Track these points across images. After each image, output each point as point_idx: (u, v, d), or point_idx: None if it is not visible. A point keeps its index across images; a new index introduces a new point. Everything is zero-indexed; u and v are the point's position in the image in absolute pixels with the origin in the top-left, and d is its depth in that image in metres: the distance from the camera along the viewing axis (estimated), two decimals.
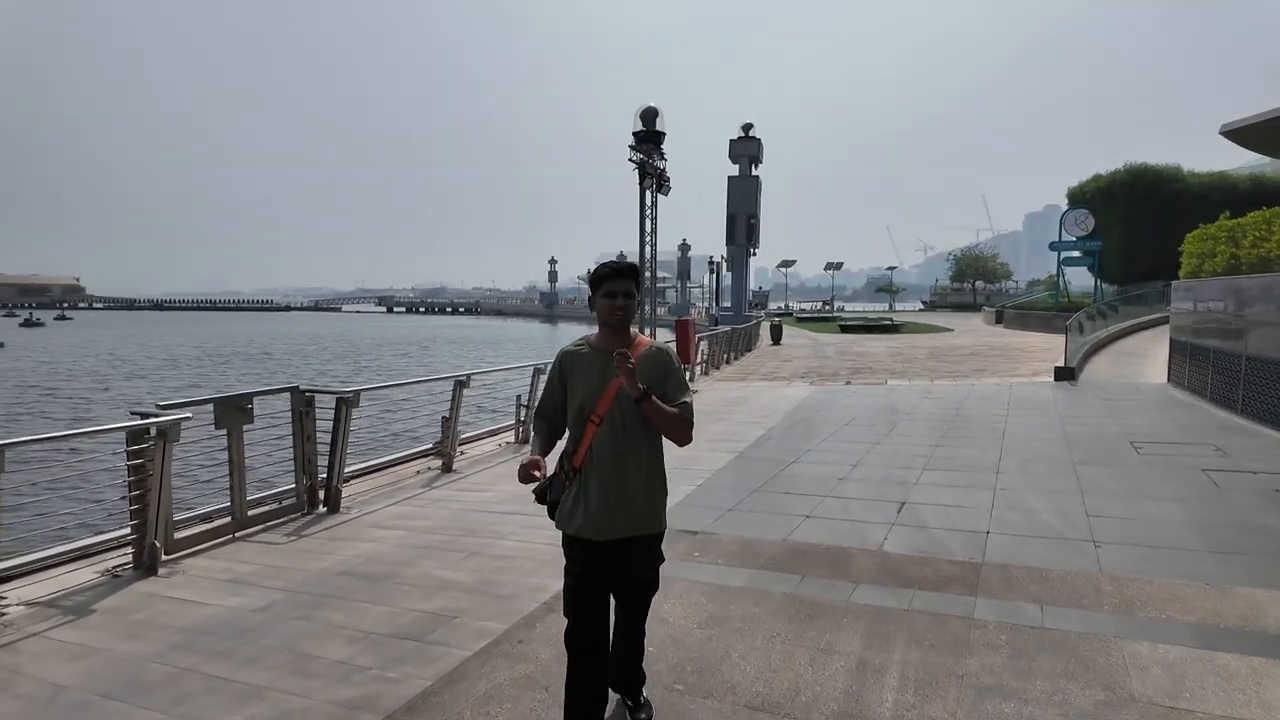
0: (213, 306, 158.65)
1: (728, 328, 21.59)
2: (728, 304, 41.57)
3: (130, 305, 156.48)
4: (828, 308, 74.45)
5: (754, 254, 34.48)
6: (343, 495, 6.52)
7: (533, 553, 5.05)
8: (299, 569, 4.92)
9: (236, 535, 5.63)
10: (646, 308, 16.73)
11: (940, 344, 25.48)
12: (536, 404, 2.92)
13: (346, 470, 7.47)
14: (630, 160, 14.20)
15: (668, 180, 15.37)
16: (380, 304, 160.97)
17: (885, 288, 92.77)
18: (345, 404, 6.37)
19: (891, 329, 35.01)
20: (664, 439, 2.68)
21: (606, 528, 2.58)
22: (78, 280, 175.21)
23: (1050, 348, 21.65)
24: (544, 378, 3.50)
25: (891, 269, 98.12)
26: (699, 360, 18.12)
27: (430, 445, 8.45)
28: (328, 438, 6.46)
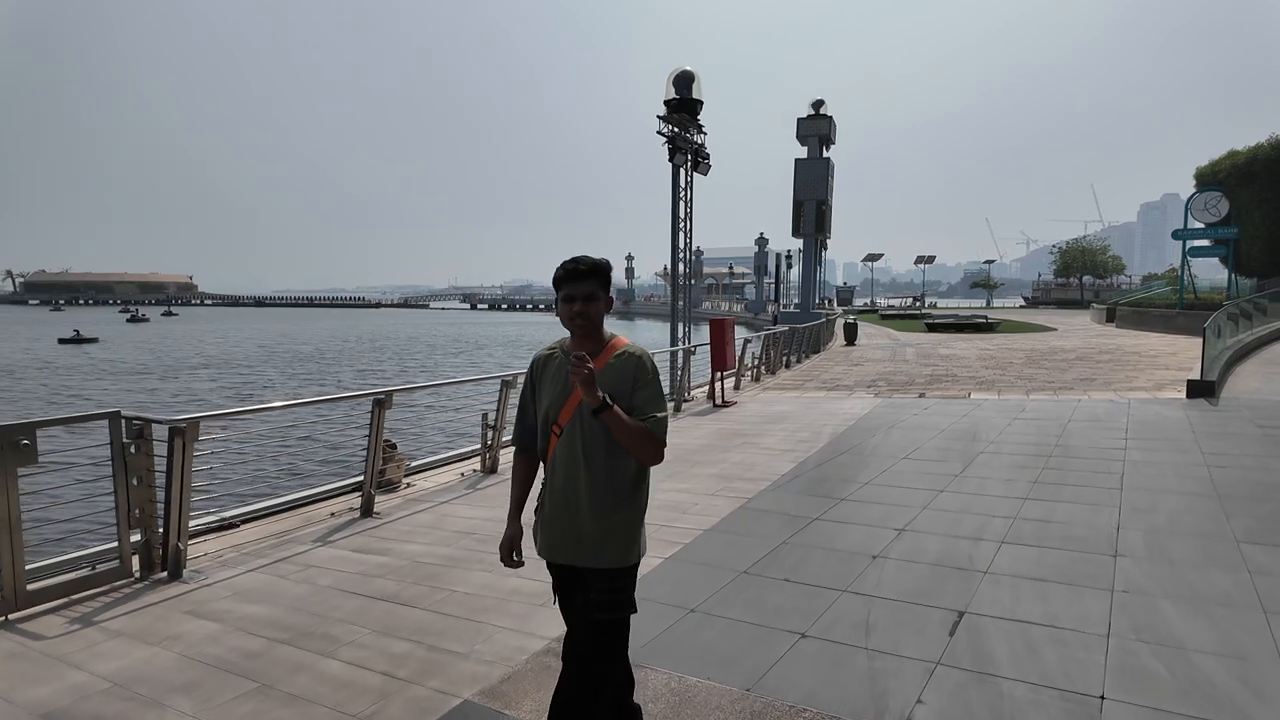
0: (309, 303, 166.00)
1: (785, 327, 19.28)
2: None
3: (235, 302, 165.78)
4: (917, 304, 70.07)
5: (826, 245, 31.70)
6: (186, 556, 4.90)
7: (436, 667, 3.23)
8: (24, 692, 3.28)
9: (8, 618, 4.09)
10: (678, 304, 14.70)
11: (1040, 346, 22.33)
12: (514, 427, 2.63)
13: (233, 515, 5.92)
14: (660, 133, 12.22)
15: (707, 157, 13.31)
16: (465, 301, 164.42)
17: (982, 283, 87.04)
18: (180, 436, 4.73)
19: (985, 328, 31.66)
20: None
21: (557, 549, 2.41)
22: (190, 279, 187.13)
23: (1174, 352, 18.37)
24: (516, 392, 2.89)
25: (989, 263, 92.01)
26: (750, 365, 16.01)
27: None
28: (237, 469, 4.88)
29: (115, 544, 4.70)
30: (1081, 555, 4.57)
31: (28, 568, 4.46)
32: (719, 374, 12.36)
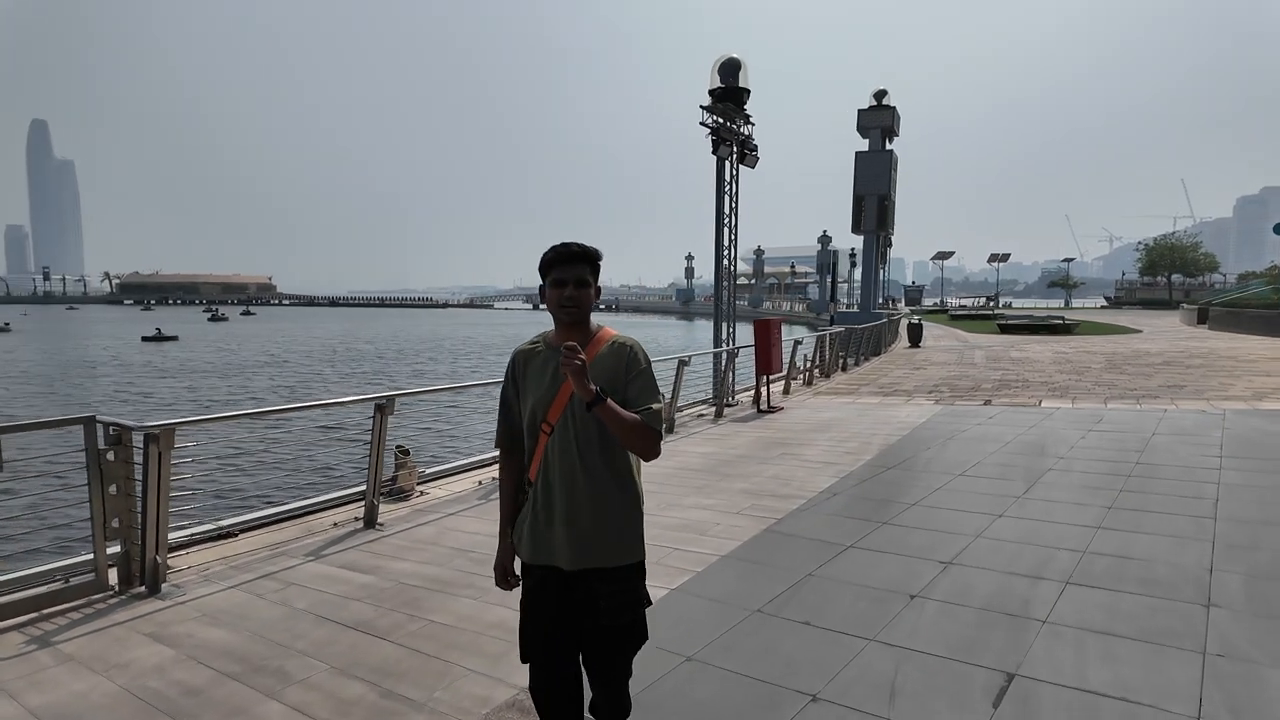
0: (381, 304, 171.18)
1: (841, 328, 18.38)
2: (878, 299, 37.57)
3: (310, 302, 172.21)
4: (990, 304, 67.22)
5: (890, 242, 30.47)
6: (166, 569, 4.63)
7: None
8: None
9: None
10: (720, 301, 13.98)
11: (1122, 349, 20.80)
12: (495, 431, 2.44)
13: (231, 523, 5.67)
14: (703, 124, 11.63)
15: (754, 149, 12.64)
16: (527, 301, 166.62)
17: (1060, 282, 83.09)
18: (154, 443, 4.45)
19: (1062, 329, 29.88)
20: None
21: (558, 554, 2.22)
22: (270, 279, 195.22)
23: (1275, 357, 16.75)
24: None
25: (1068, 261, 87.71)
26: (802, 368, 15.27)
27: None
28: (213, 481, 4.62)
29: (91, 556, 4.47)
30: (1164, 603, 3.83)
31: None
32: (764, 378, 11.71)
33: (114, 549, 4.55)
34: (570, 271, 2.22)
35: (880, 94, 23.85)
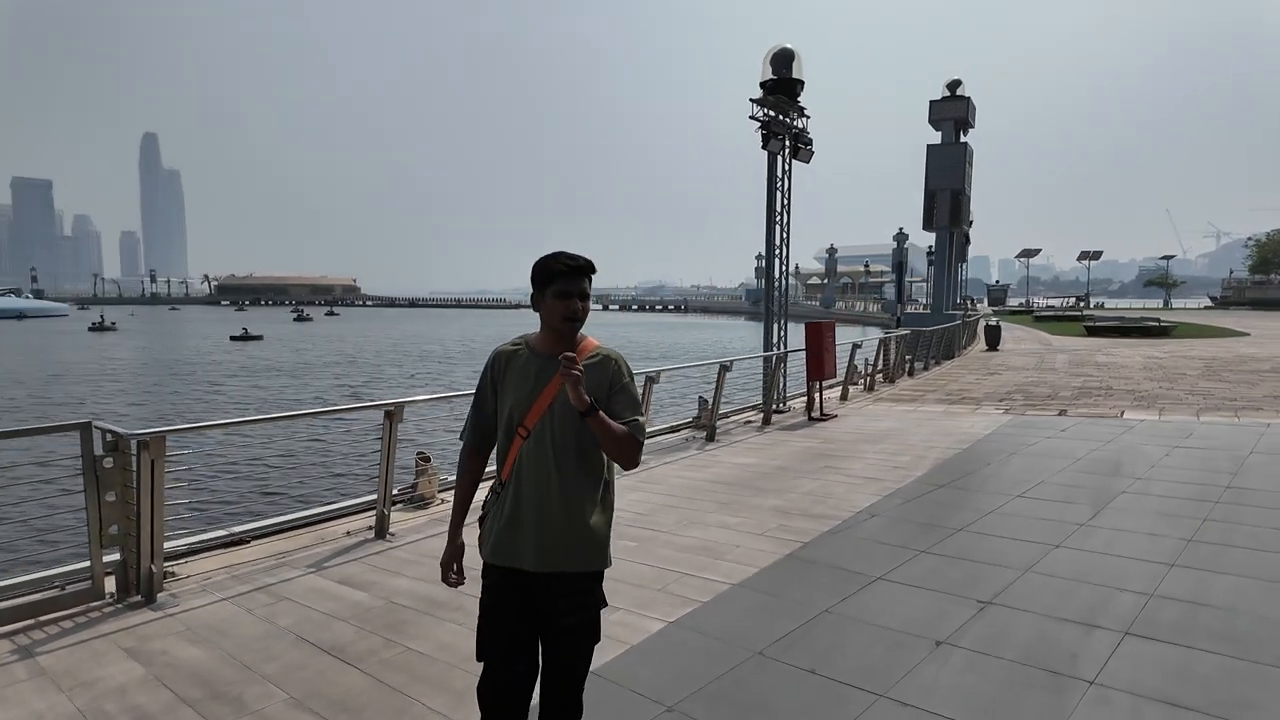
0: (457, 304, 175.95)
1: (907, 330, 17.47)
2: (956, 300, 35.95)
3: (391, 303, 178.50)
4: (1080, 304, 63.68)
5: (968, 239, 28.90)
6: (161, 578, 4.55)
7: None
8: None
9: None
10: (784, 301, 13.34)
11: (1224, 354, 19.11)
12: (464, 426, 2.42)
13: (243, 530, 5.60)
14: (753, 118, 11.13)
15: (808, 143, 12.05)
16: (595, 302, 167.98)
17: (1158, 280, 78.10)
18: (145, 450, 4.37)
19: (1156, 332, 27.83)
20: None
21: (525, 556, 2.22)
22: (354, 281, 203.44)
23: None
24: None
25: (1168, 259, 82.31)
26: (863, 372, 14.58)
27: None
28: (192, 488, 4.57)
29: (87, 564, 4.43)
30: (1249, 667, 3.22)
31: None
32: (817, 384, 11.14)
33: (113, 556, 4.52)
34: (576, 284, 2.23)
35: (954, 84, 22.60)
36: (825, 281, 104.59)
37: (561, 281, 2.22)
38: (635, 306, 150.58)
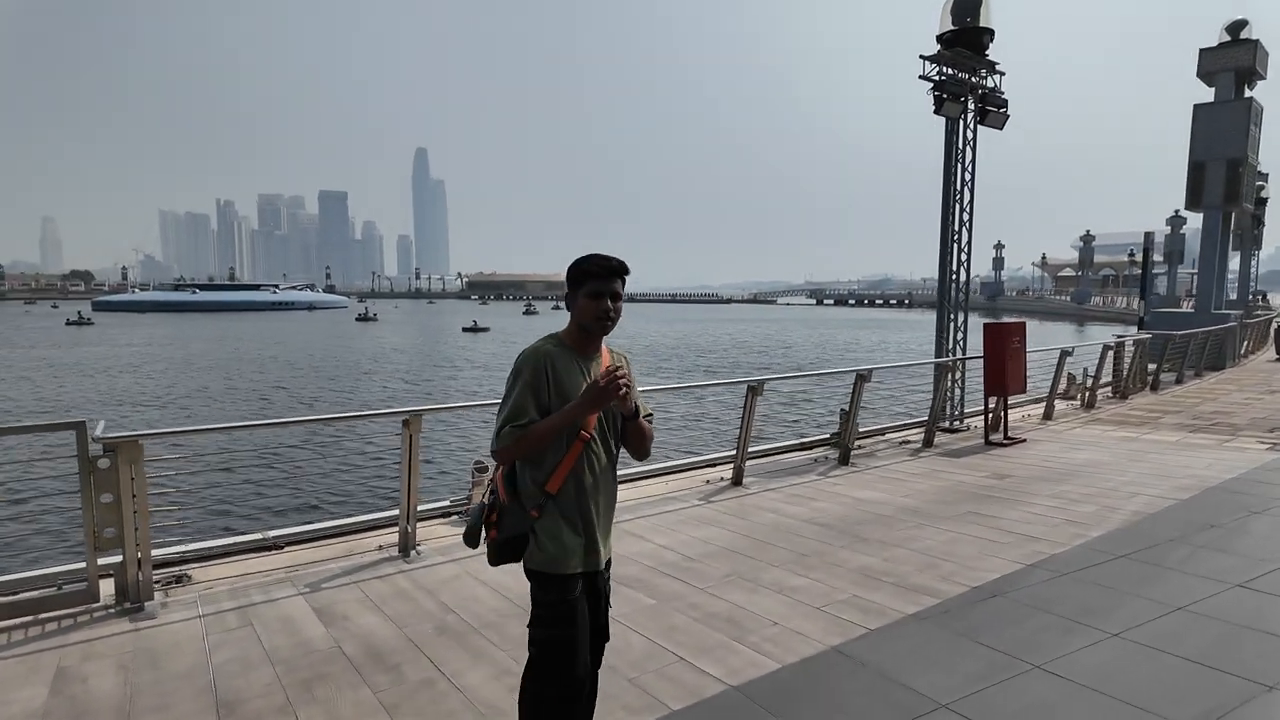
0: (672, 299, 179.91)
1: (1148, 334, 14.02)
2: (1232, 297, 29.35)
3: None
4: None
5: (1260, 221, 22.85)
6: (149, 584, 4.37)
7: None
8: None
9: None
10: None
11: None
12: (510, 415, 2.24)
13: (276, 535, 5.42)
14: (924, 78, 9.28)
15: (1001, 106, 9.86)
16: (810, 297, 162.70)
17: None
18: (113, 455, 4.18)
19: None
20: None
21: (601, 553, 2.38)
22: None
23: None
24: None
25: None
26: (1081, 385, 11.95)
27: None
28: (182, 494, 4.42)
29: (84, 564, 4.38)
30: None
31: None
32: (1001, 400, 9.09)
33: (114, 559, 4.44)
34: (608, 285, 2.27)
35: (1236, 26, 17.67)
36: (1080, 274, 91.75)
37: (595, 282, 2.26)
38: (852, 301, 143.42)
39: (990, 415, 9.34)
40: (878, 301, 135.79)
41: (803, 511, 6.04)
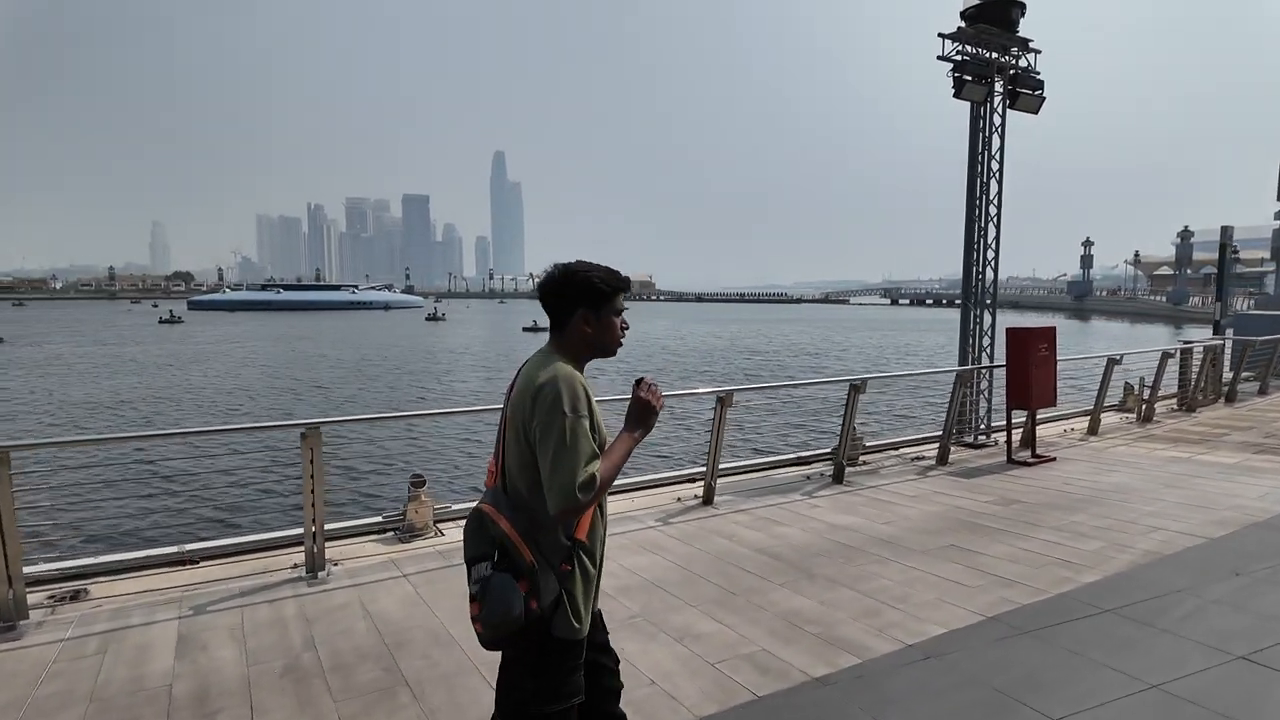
0: (741, 299, 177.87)
1: (1223, 339, 12.54)
2: None
3: (679, 298, 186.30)
4: None
5: None
6: (21, 602, 4.17)
7: None
8: None
9: None
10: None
11: None
12: (588, 460, 1.84)
13: (195, 547, 5.21)
14: (942, 58, 8.43)
15: (1036, 88, 8.89)
16: (885, 296, 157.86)
17: None
18: None
19: None
20: None
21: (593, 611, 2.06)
22: (650, 277, 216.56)
23: None
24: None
25: None
26: (1135, 395, 10.81)
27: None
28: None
29: None
30: None
31: None
32: (1031, 414, 8.18)
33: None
34: (622, 303, 2.08)
35: None
36: (1177, 273, 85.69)
37: (618, 299, 2.03)
38: (929, 301, 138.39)
39: (1022, 430, 8.43)
40: (956, 302, 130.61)
41: (760, 539, 5.43)
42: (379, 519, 5.79)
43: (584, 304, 1.98)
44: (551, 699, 1.92)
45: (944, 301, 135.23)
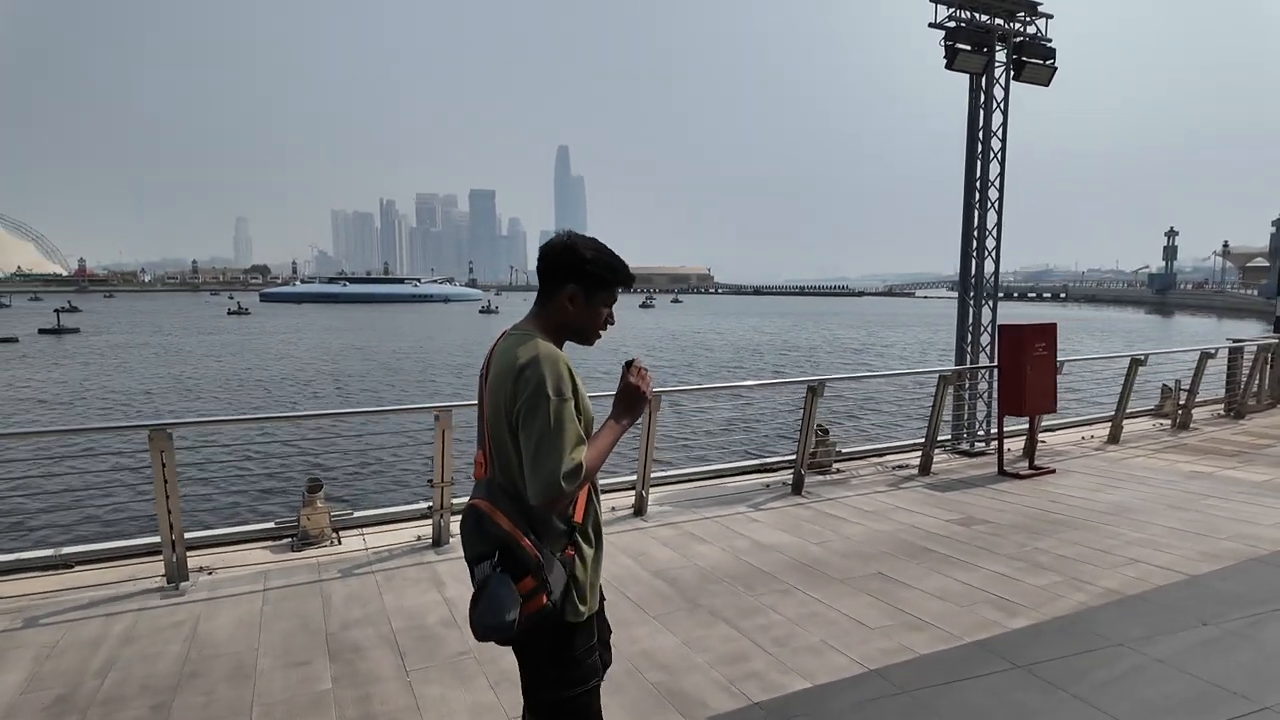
0: (800, 292, 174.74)
1: (1275, 338, 11.15)
2: None
3: (738, 291, 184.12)
4: None
5: None
6: None
7: None
8: None
9: None
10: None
11: None
12: (575, 445, 1.75)
13: (66, 554, 4.98)
14: (934, 25, 7.60)
15: (1047, 58, 7.94)
16: (952, 289, 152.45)
17: None
18: None
19: None
20: None
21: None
22: (708, 270, 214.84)
23: None
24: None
25: None
26: (1171, 399, 9.76)
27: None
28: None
29: None
30: None
31: None
32: (1036, 420, 7.33)
33: None
34: (615, 295, 1.98)
35: None
36: (1272, 264, 79.63)
37: (613, 291, 1.94)
38: (1000, 295, 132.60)
39: (1025, 438, 7.57)
40: (1029, 295, 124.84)
41: (671, 559, 4.88)
42: (271, 525, 5.47)
43: (576, 281, 1.87)
44: (577, 682, 1.90)
45: (1015, 295, 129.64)
